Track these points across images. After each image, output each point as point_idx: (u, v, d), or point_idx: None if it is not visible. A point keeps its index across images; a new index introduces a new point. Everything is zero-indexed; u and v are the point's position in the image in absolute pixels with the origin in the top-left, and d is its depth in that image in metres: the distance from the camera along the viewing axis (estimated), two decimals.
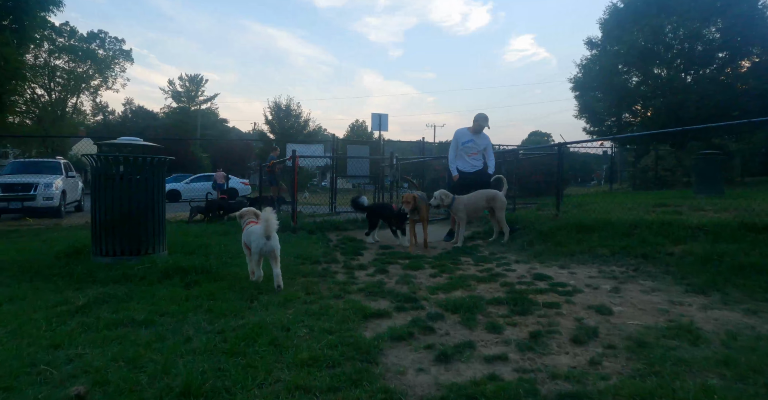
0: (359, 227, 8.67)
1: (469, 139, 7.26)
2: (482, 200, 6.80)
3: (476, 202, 6.78)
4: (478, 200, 6.80)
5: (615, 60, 28.03)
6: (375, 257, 5.73)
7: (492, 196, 6.81)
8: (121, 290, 3.74)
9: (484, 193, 6.84)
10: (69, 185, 13.48)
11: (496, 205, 6.81)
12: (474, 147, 7.28)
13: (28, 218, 11.99)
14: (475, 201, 6.78)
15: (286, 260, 5.10)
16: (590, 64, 30.23)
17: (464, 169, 7.33)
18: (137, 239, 5.10)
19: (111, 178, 5.05)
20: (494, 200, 6.81)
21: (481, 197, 6.81)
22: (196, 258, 4.81)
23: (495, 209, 6.82)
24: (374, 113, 13.72)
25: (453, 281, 4.30)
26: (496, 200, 6.81)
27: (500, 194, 6.84)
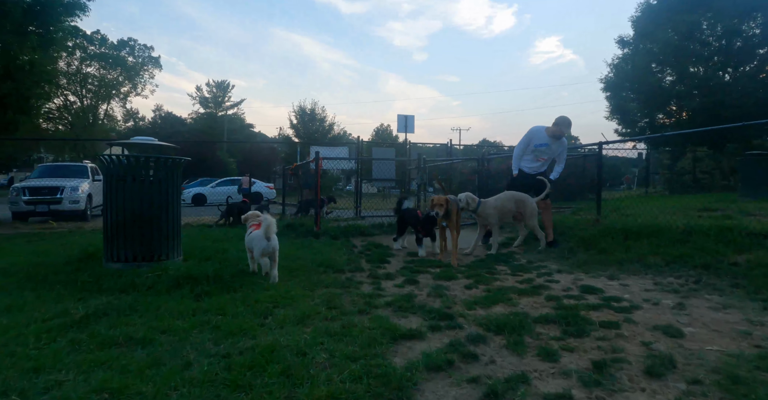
0: (385, 232, 8.26)
1: (545, 143, 6.45)
2: (511, 203, 6.27)
3: (504, 205, 6.25)
4: (506, 203, 6.26)
5: (648, 59, 27.02)
6: (403, 265, 5.29)
7: (521, 200, 6.28)
8: (125, 301, 3.40)
9: (512, 197, 6.31)
10: (95, 189, 13.49)
11: (525, 211, 6.27)
12: (547, 153, 6.53)
13: (52, 221, 11.98)
14: (502, 204, 6.24)
15: (307, 268, 4.72)
16: (622, 63, 29.25)
17: (526, 171, 6.62)
18: (150, 244, 4.79)
19: (122, 179, 4.75)
20: (523, 204, 6.28)
21: (509, 200, 6.28)
22: (210, 265, 4.46)
23: (524, 215, 6.29)
24: (400, 115, 13.32)
25: (492, 294, 3.84)
26: (525, 204, 6.27)
27: (530, 199, 6.30)
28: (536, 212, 6.37)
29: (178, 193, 5.13)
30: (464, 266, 5.30)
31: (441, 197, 5.69)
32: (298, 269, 4.68)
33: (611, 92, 30.00)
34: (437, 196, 5.74)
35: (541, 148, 6.48)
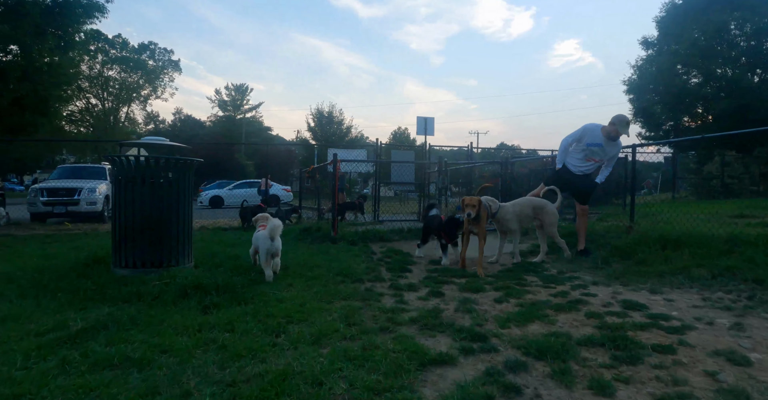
0: (405, 238, 7.94)
1: (598, 143, 5.81)
2: (529, 209, 5.86)
3: (522, 210, 5.84)
4: (525, 208, 5.85)
5: (673, 60, 26.31)
6: (426, 274, 4.97)
7: (540, 206, 5.87)
8: (127, 313, 3.14)
9: (531, 202, 5.91)
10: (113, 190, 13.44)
11: (544, 218, 5.84)
12: (599, 154, 5.91)
13: (67, 222, 11.93)
14: (521, 210, 5.84)
15: (324, 277, 4.43)
16: (646, 64, 28.57)
17: (570, 168, 6.02)
18: (159, 250, 4.55)
19: (131, 181, 4.53)
20: (542, 211, 5.85)
21: (527, 206, 5.87)
22: (221, 273, 4.20)
23: (543, 222, 5.86)
24: (419, 116, 13.00)
25: (525, 310, 3.49)
26: (544, 211, 5.84)
27: (550, 206, 5.88)
28: (556, 219, 5.96)
29: (190, 196, 4.89)
30: (491, 275, 4.96)
31: (474, 197, 5.25)
32: (315, 277, 4.39)
33: (634, 94, 29.29)
34: (469, 197, 5.31)
35: (593, 148, 5.85)
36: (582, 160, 5.97)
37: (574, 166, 6.00)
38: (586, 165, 5.98)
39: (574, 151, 6.01)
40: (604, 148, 5.83)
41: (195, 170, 4.93)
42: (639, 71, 28.77)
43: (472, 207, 5.13)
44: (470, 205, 5.14)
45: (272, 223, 4.28)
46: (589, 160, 5.96)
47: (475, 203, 5.16)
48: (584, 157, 5.94)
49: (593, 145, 5.83)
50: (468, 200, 5.19)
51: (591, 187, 6.13)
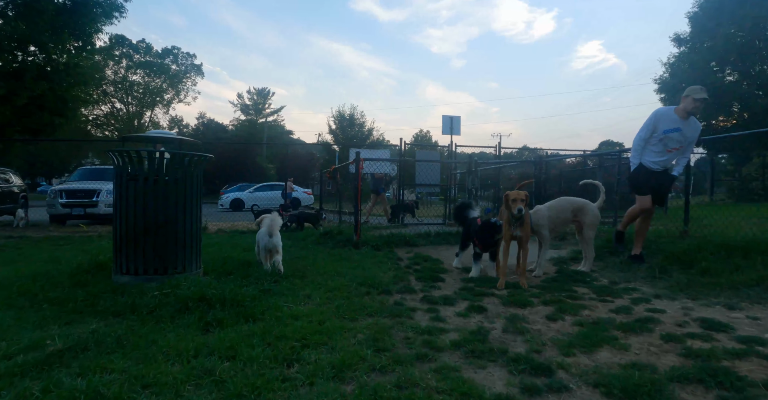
0: (432, 243, 7.37)
1: (676, 128, 4.93)
2: (567, 211, 5.15)
3: (559, 213, 5.14)
4: (562, 210, 5.14)
5: (707, 57, 25.18)
6: (461, 285, 4.39)
7: (580, 206, 5.14)
8: (116, 330, 2.66)
9: (569, 203, 5.19)
10: None
11: (585, 219, 5.11)
12: (678, 140, 5.00)
13: (83, 224, 11.69)
14: (557, 213, 5.13)
15: (347, 288, 3.89)
16: (678, 62, 27.43)
17: (651, 166, 5.12)
18: (163, 255, 4.09)
19: (133, 179, 4.08)
20: (583, 211, 5.12)
21: (565, 208, 5.15)
22: (230, 282, 3.71)
23: (584, 224, 5.13)
24: (445, 115, 12.41)
25: (588, 331, 2.90)
26: (585, 211, 5.12)
27: (591, 205, 5.17)
28: (597, 221, 5.27)
29: (199, 196, 4.42)
30: (535, 286, 4.36)
31: (520, 191, 4.50)
32: (336, 288, 3.85)
33: (666, 93, 28.18)
34: (515, 191, 4.52)
35: (671, 135, 4.97)
36: (660, 153, 5.10)
37: (652, 162, 5.14)
38: (666, 157, 5.12)
39: (649, 145, 5.17)
40: (683, 132, 4.97)
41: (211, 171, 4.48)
42: (671, 69, 27.65)
43: (521, 202, 4.37)
44: (518, 199, 4.38)
45: (270, 219, 4.28)
46: (668, 151, 5.09)
47: (523, 197, 4.40)
48: (663, 148, 5.07)
49: (671, 131, 4.97)
50: (514, 194, 4.43)
51: (671, 183, 5.31)
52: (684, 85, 27.07)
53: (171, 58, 44.38)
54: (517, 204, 4.37)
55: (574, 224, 5.24)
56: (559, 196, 5.55)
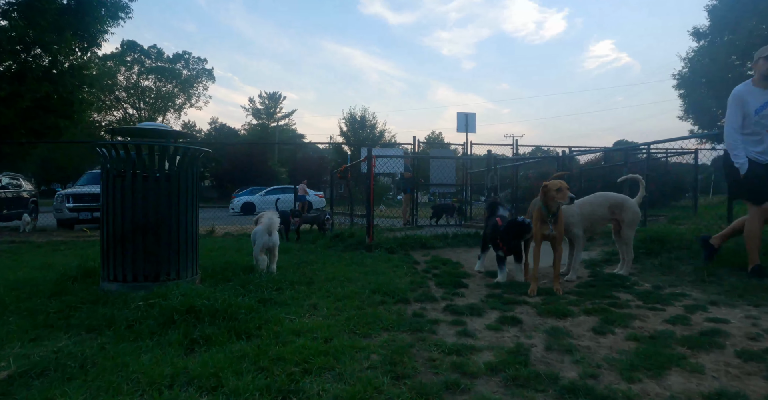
0: (450, 245, 6.89)
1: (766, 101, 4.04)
2: (603, 208, 4.54)
3: (594, 211, 4.55)
4: (598, 207, 4.54)
5: (728, 51, 24.36)
6: (486, 291, 3.91)
7: (618, 202, 4.54)
8: (85, 350, 2.24)
9: (606, 198, 4.59)
10: None
11: (624, 217, 4.51)
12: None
13: (86, 229, 11.42)
14: (592, 210, 4.54)
15: (359, 296, 3.44)
16: (698, 57, 26.61)
17: (759, 158, 4.12)
18: (155, 260, 3.67)
19: (120, 175, 3.68)
20: (622, 208, 4.52)
21: (601, 204, 4.55)
22: (225, 291, 3.27)
23: (622, 223, 4.54)
24: (460, 113, 11.91)
25: (647, 348, 2.41)
26: (624, 208, 4.52)
27: (631, 202, 4.57)
28: (638, 219, 4.67)
29: (195, 194, 4.01)
30: (570, 292, 3.86)
31: (562, 182, 3.90)
32: (347, 296, 3.39)
33: (685, 89, 27.39)
34: (555, 180, 3.93)
35: (765, 112, 4.05)
36: (759, 140, 4.14)
37: (756, 153, 4.15)
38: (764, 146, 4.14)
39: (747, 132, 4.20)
40: None
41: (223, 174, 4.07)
42: (690, 64, 26.85)
43: (566, 190, 3.76)
44: (564, 188, 3.77)
45: (268, 217, 4.21)
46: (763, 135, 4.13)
47: (564, 187, 3.80)
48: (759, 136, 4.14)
49: (763, 107, 4.05)
50: (557, 183, 3.82)
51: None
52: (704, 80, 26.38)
53: (182, 63, 44.46)
54: (563, 194, 3.76)
55: (611, 222, 4.70)
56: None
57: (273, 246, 4.21)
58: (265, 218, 4.25)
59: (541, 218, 3.93)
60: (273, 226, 4.20)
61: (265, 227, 4.18)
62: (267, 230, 4.18)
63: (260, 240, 4.17)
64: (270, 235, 4.18)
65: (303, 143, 56.36)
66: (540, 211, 3.94)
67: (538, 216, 3.96)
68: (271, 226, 4.18)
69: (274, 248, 4.22)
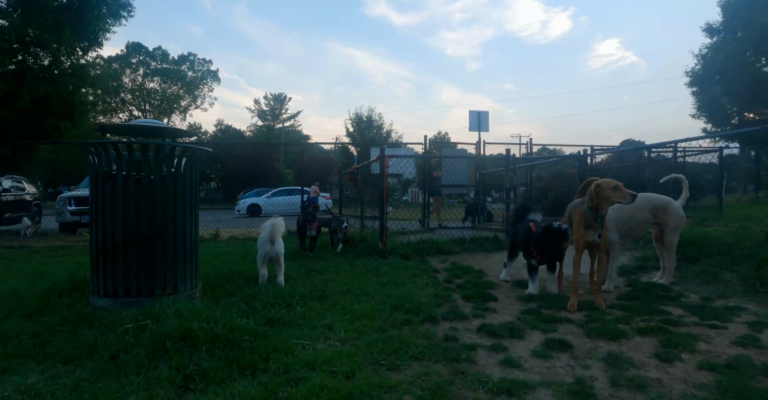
0: (467, 250, 6.47)
1: None
2: (645, 211, 4.08)
3: (634, 214, 4.08)
4: (638, 210, 4.06)
5: (742, 47, 23.80)
6: (520, 305, 3.49)
7: (662, 204, 4.09)
8: (56, 389, 1.85)
9: (648, 200, 4.11)
10: None
11: (668, 220, 4.07)
12: None
13: (86, 233, 11.07)
14: (631, 213, 4.07)
15: (379, 313, 3.03)
16: (711, 53, 26.02)
17: None
18: (150, 273, 3.28)
19: (110, 178, 3.30)
20: (665, 211, 4.07)
21: (642, 207, 4.06)
22: (229, 307, 2.88)
23: (665, 227, 4.09)
24: (472, 111, 11.50)
25: (731, 381, 2.01)
26: (668, 211, 4.07)
27: (675, 204, 4.12)
28: (682, 223, 4.22)
29: (195, 198, 3.62)
30: (614, 306, 3.45)
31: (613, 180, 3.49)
32: (366, 314, 2.98)
33: (698, 87, 26.83)
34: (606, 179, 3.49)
35: None
36: None
37: None
38: None
39: None
40: None
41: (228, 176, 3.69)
42: (703, 61, 26.29)
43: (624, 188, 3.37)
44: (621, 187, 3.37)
45: (272, 223, 3.82)
46: None
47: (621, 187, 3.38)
48: None
49: None
50: (610, 182, 3.41)
51: None
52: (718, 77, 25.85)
53: (187, 65, 44.19)
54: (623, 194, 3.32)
55: (653, 226, 4.25)
56: None
57: (277, 255, 3.84)
58: (267, 224, 3.87)
59: (586, 223, 3.48)
60: (275, 233, 3.83)
61: (267, 234, 3.81)
62: (270, 238, 3.81)
63: (261, 250, 3.81)
64: (273, 243, 3.81)
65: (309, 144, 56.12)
66: (585, 214, 3.49)
67: (583, 220, 3.51)
68: (274, 233, 3.81)
69: (278, 257, 3.85)
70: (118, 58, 41.62)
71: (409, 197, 37.55)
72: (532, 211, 4.43)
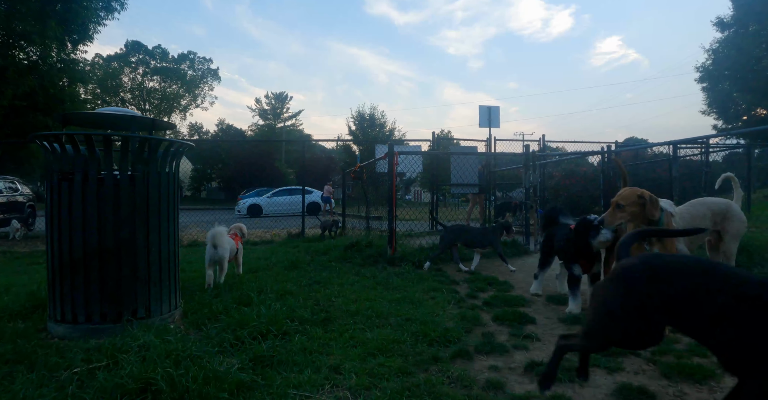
0: (484, 256, 5.84)
1: None
2: (706, 219, 3.44)
3: (692, 222, 3.41)
4: (699, 219, 3.44)
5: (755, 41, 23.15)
6: (565, 330, 2.89)
7: (722, 210, 3.45)
8: None
9: (708, 207, 3.48)
10: None
11: (729, 228, 3.44)
12: None
13: None
14: (690, 221, 3.41)
15: (398, 345, 2.43)
16: (723, 48, 25.34)
17: None
18: (116, 294, 2.70)
19: (66, 178, 2.71)
20: (726, 217, 3.44)
21: (702, 215, 3.45)
22: (210, 340, 2.29)
23: (725, 235, 3.46)
24: (482, 106, 10.88)
25: None
26: (729, 217, 3.44)
27: (737, 208, 3.49)
28: (744, 229, 3.62)
29: (173, 203, 3.03)
30: None
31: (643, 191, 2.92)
32: (383, 348, 2.36)
33: (708, 83, 26.15)
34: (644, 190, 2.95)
35: None
36: None
37: None
38: None
39: None
40: None
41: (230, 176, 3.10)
42: (714, 55, 25.63)
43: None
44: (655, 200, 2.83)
45: (212, 231, 4.10)
46: None
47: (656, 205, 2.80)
48: None
49: None
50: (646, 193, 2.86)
51: None
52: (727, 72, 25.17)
53: (187, 64, 43.58)
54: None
55: (711, 236, 3.61)
56: None
57: (220, 259, 4.09)
58: (210, 233, 4.12)
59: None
60: (217, 238, 4.05)
61: (209, 239, 4.07)
62: (212, 243, 4.06)
63: (207, 255, 4.09)
64: (215, 248, 4.06)
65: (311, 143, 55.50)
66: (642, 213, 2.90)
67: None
68: (216, 239, 4.04)
69: (221, 261, 4.11)
70: (117, 57, 41.07)
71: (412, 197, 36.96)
72: (562, 215, 3.84)
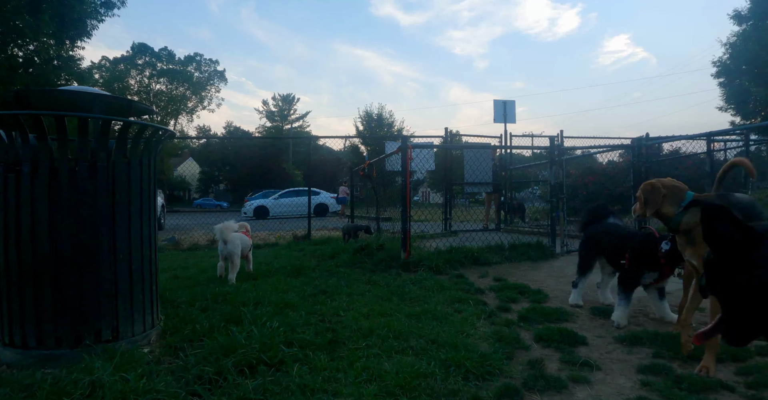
0: (508, 259, 5.31)
1: None
2: None
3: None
4: None
5: None
6: (625, 352, 2.34)
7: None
8: None
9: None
10: None
11: None
12: None
13: None
14: None
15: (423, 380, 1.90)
16: (740, 41, 24.55)
17: None
18: (75, 312, 2.20)
19: (12, 170, 2.23)
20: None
21: None
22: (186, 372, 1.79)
23: None
24: (497, 100, 10.30)
25: None
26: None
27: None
28: None
29: (149, 201, 2.53)
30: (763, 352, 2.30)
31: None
32: (404, 383, 1.82)
33: (726, 77, 25.38)
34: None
35: None
36: None
37: None
38: None
39: None
40: None
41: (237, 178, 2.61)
42: (732, 49, 24.86)
43: None
44: None
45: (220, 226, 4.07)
46: None
47: None
48: None
49: None
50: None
51: None
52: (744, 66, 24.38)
53: (194, 66, 43.33)
54: None
55: None
56: None
57: (230, 254, 4.06)
58: (217, 227, 4.08)
59: None
60: (223, 233, 4.00)
61: (218, 236, 4.08)
62: (221, 239, 4.05)
63: (219, 249, 4.16)
64: (225, 243, 4.04)
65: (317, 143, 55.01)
66: None
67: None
68: (224, 233, 4.01)
69: (231, 256, 4.06)
70: (123, 60, 40.92)
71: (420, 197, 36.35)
72: (611, 214, 3.30)
